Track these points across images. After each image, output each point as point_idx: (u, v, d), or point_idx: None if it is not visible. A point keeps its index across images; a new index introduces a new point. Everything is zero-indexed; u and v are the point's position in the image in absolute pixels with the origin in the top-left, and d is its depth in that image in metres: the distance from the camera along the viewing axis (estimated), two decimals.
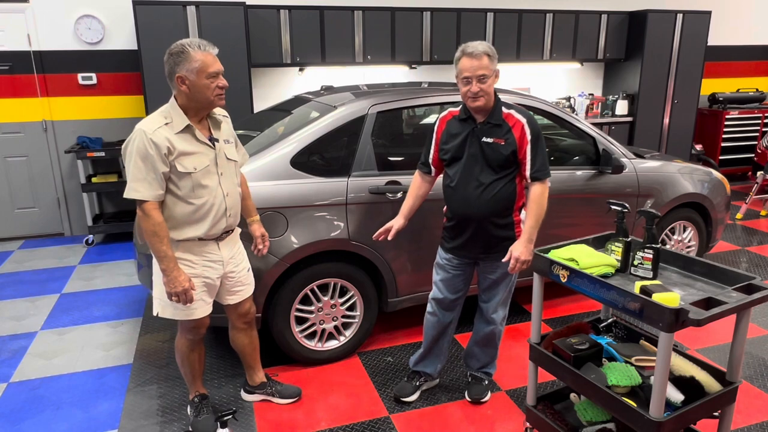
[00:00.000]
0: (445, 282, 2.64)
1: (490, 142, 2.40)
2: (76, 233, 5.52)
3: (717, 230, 4.09)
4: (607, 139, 3.60)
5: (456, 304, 2.70)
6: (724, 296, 1.91)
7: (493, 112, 2.41)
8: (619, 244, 2.21)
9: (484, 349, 2.77)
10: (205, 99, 2.19)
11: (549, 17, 6.14)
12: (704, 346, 3.27)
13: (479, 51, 2.31)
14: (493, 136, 2.40)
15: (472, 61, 2.30)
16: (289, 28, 5.27)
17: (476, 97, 2.34)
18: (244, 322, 2.62)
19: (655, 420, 1.85)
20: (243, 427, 2.62)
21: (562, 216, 3.46)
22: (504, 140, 2.38)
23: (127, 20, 5.07)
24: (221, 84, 2.19)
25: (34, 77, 5.10)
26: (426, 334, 2.79)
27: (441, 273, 2.66)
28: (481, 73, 2.31)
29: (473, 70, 2.30)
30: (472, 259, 2.58)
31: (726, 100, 7.19)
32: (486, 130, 2.41)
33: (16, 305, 3.93)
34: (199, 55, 2.13)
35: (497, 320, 2.67)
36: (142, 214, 2.16)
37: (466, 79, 2.33)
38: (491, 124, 2.41)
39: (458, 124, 2.49)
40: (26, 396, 2.89)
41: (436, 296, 2.70)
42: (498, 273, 2.56)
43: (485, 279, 2.61)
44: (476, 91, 2.32)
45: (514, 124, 2.39)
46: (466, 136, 2.45)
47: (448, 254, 2.61)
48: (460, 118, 2.49)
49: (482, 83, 2.31)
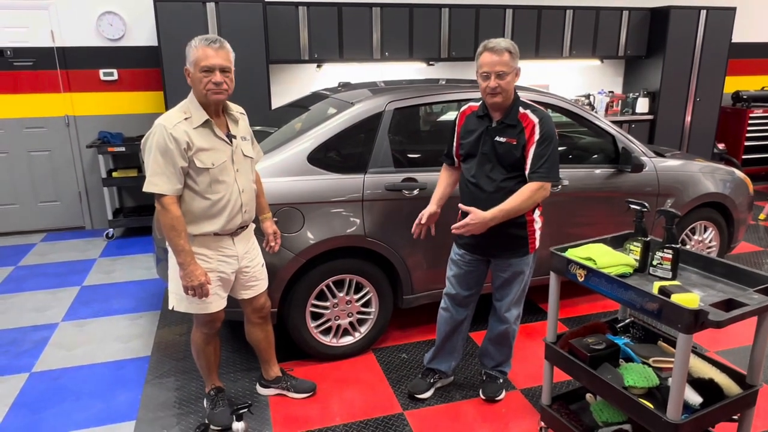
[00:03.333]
0: (458, 278, 2.65)
1: (503, 141, 2.39)
2: (97, 227, 5.61)
3: (739, 231, 4.02)
4: (627, 137, 3.56)
5: (469, 301, 2.70)
6: (745, 298, 1.88)
7: (510, 111, 2.40)
8: (638, 243, 2.18)
9: (498, 347, 2.76)
10: (199, 92, 2.20)
11: (569, 14, 6.08)
12: (724, 348, 3.22)
13: (501, 47, 2.30)
14: (506, 135, 2.39)
15: (493, 57, 2.30)
16: (307, 24, 5.29)
17: (494, 93, 2.33)
18: (260, 316, 2.64)
19: (672, 422, 1.83)
20: (258, 420, 2.65)
21: (579, 215, 3.43)
22: (516, 140, 2.37)
23: (147, 17, 5.13)
24: (215, 80, 2.16)
25: (57, 73, 5.19)
26: (439, 330, 2.79)
27: (454, 268, 2.66)
28: (500, 70, 2.29)
29: (493, 65, 2.30)
30: (483, 256, 2.57)
31: (750, 98, 7.04)
32: (500, 130, 2.40)
33: (38, 297, 4.01)
34: (199, 49, 2.15)
35: (511, 319, 2.65)
36: (161, 208, 2.19)
37: (485, 74, 2.33)
38: (505, 124, 2.40)
39: (476, 121, 2.49)
40: (47, 386, 2.94)
41: (449, 292, 2.71)
42: (510, 272, 2.54)
43: (498, 277, 2.60)
44: (494, 87, 2.31)
45: (527, 123, 2.37)
46: (481, 133, 2.45)
47: (461, 250, 2.62)
48: (477, 114, 2.49)
49: (501, 79, 2.30)
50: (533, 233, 2.49)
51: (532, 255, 2.57)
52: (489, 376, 2.82)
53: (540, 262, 3.33)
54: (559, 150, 2.38)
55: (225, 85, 2.19)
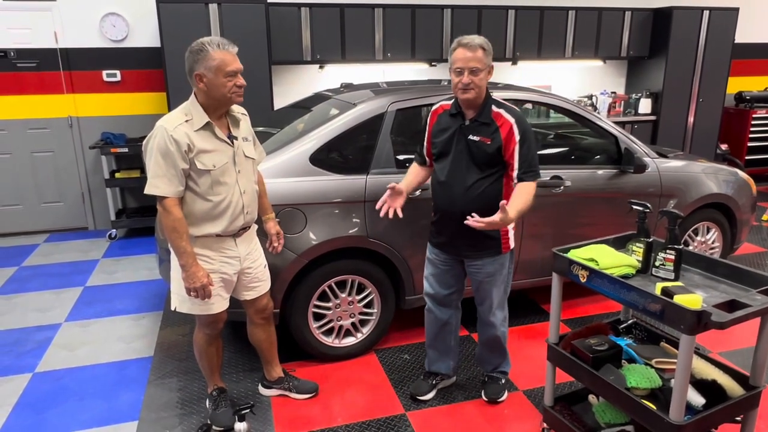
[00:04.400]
0: (436, 277, 2.64)
1: (477, 140, 2.38)
2: (100, 227, 5.62)
3: (742, 232, 4.01)
4: (630, 138, 3.55)
5: (450, 300, 2.68)
6: (748, 299, 1.87)
7: (483, 109, 2.40)
8: (641, 244, 2.18)
9: (491, 352, 2.75)
10: (222, 97, 2.20)
11: (571, 14, 6.07)
12: (727, 350, 3.21)
13: (475, 43, 2.30)
14: (480, 134, 2.38)
15: (466, 53, 2.30)
16: (309, 25, 5.30)
17: (467, 89, 2.32)
18: (262, 317, 2.64)
19: (675, 423, 1.83)
20: (260, 421, 2.65)
21: (582, 215, 3.42)
22: (490, 139, 2.36)
23: (150, 18, 5.14)
24: (239, 83, 2.21)
25: (60, 74, 5.21)
26: (426, 332, 2.80)
27: (430, 267, 2.66)
28: (474, 66, 2.29)
29: (466, 61, 2.29)
30: (456, 256, 2.55)
31: (753, 99, 7.03)
32: (473, 128, 2.40)
33: (42, 297, 4.02)
34: (218, 54, 2.15)
35: (496, 323, 2.63)
36: (163, 210, 2.20)
37: (458, 70, 2.32)
38: (479, 122, 2.39)
39: (448, 119, 2.48)
40: (50, 386, 2.95)
41: (428, 291, 2.70)
42: (484, 272, 2.52)
43: (474, 281, 2.58)
44: (467, 83, 2.30)
45: (502, 123, 2.36)
46: (454, 132, 2.44)
47: (436, 249, 2.61)
48: (450, 112, 2.48)
49: (474, 75, 2.30)
50: (506, 233, 2.48)
51: (508, 254, 2.54)
52: (490, 377, 2.82)
53: (542, 264, 3.35)
54: (562, 151, 2.38)
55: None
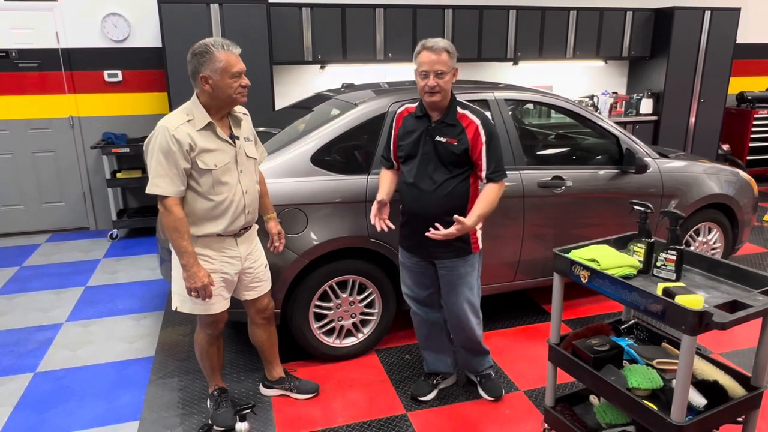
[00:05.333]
0: (412, 279, 2.65)
1: (444, 141, 2.39)
2: (101, 227, 5.63)
3: (743, 232, 4.00)
4: (631, 138, 3.55)
5: (432, 299, 2.68)
6: (749, 299, 1.87)
7: (448, 111, 2.41)
8: (642, 245, 2.17)
9: (474, 355, 2.76)
10: (227, 97, 2.21)
11: (573, 14, 6.07)
12: (728, 350, 3.21)
13: (439, 46, 2.32)
14: (447, 135, 2.40)
15: (431, 56, 2.31)
16: (310, 25, 5.30)
17: (432, 92, 2.34)
18: (263, 317, 2.64)
19: (676, 424, 1.82)
20: (261, 421, 2.65)
21: (583, 216, 3.42)
22: (457, 140, 2.38)
23: (152, 18, 5.14)
24: (244, 83, 2.22)
25: (62, 74, 5.21)
26: (417, 333, 2.81)
27: (404, 270, 2.67)
28: (439, 69, 2.31)
29: (431, 64, 2.31)
30: (426, 258, 2.55)
31: (755, 99, 7.02)
32: (440, 129, 2.41)
33: (43, 297, 4.03)
34: (223, 55, 2.15)
35: (469, 324, 2.61)
36: (164, 209, 2.20)
37: (424, 73, 2.34)
38: (445, 124, 2.41)
39: (414, 122, 2.49)
40: (51, 386, 2.95)
41: (407, 293, 2.71)
42: (454, 273, 2.52)
43: (443, 282, 2.57)
44: (433, 86, 2.32)
45: (468, 124, 2.38)
46: (421, 134, 2.45)
47: (407, 252, 2.61)
48: (416, 115, 2.49)
49: (439, 78, 2.32)
50: (474, 233, 2.48)
51: (477, 255, 2.54)
52: (482, 376, 2.82)
53: (543, 264, 3.35)
54: (563, 151, 2.38)
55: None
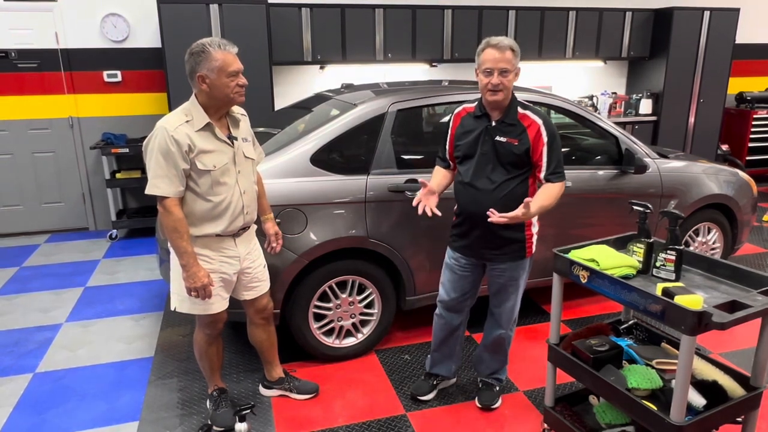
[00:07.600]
0: (453, 282, 2.61)
1: (504, 141, 2.37)
2: (101, 228, 5.63)
3: (742, 232, 4.01)
4: (630, 138, 3.55)
5: (463, 306, 2.67)
6: (749, 299, 1.87)
7: (509, 110, 2.39)
8: (641, 245, 2.18)
9: (493, 355, 2.73)
10: (225, 97, 2.21)
11: (572, 15, 6.07)
12: (728, 350, 3.21)
13: (504, 44, 2.29)
14: (507, 135, 2.37)
15: (496, 54, 2.28)
16: (310, 26, 5.30)
17: (495, 90, 2.31)
18: (262, 317, 2.64)
19: (676, 424, 1.82)
20: (261, 421, 2.65)
21: (583, 216, 3.42)
22: (518, 140, 2.36)
23: (151, 19, 5.14)
24: (241, 82, 2.22)
25: (61, 74, 5.21)
26: (434, 336, 2.78)
27: (448, 273, 2.63)
28: (504, 67, 2.28)
29: (496, 62, 2.28)
30: (479, 259, 2.54)
31: (754, 99, 7.02)
32: (500, 129, 2.39)
33: (42, 298, 4.03)
34: (220, 55, 2.15)
35: (507, 325, 2.63)
36: (163, 210, 2.20)
37: (487, 71, 2.30)
38: (506, 124, 2.38)
39: (472, 121, 2.47)
40: (51, 386, 2.95)
41: (442, 298, 2.68)
42: (506, 276, 2.51)
43: (494, 283, 2.56)
44: (496, 84, 2.29)
45: (530, 125, 2.36)
46: (480, 133, 2.42)
47: (456, 253, 2.58)
48: (474, 114, 2.47)
49: (503, 76, 2.29)
50: (530, 237, 2.47)
51: (529, 260, 2.53)
52: (485, 383, 2.80)
53: (543, 264, 3.34)
54: (562, 151, 2.39)
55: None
